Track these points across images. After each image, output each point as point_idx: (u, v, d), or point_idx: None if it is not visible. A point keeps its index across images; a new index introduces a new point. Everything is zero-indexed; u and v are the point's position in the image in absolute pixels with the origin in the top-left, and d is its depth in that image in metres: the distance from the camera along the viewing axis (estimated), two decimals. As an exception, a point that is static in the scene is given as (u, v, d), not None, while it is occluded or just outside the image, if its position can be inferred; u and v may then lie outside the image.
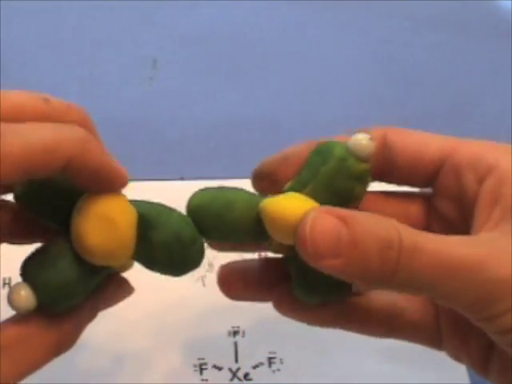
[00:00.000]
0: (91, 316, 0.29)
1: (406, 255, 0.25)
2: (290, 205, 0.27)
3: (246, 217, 0.28)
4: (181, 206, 0.29)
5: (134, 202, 0.28)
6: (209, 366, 0.41)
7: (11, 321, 0.27)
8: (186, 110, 0.56)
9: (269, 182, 0.29)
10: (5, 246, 0.34)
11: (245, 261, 0.32)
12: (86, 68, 0.58)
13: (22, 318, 0.26)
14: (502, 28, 0.65)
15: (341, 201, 0.28)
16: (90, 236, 0.26)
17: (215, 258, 0.36)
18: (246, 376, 0.41)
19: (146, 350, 0.42)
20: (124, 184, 0.27)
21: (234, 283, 0.31)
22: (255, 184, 0.31)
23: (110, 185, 0.27)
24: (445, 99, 0.59)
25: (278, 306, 0.31)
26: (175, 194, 0.49)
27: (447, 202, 0.30)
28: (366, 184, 0.29)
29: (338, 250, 0.24)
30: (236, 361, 0.42)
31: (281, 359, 0.42)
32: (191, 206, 0.30)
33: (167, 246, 0.28)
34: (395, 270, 0.25)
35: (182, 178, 0.51)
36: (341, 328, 0.31)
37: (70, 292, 0.27)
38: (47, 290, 0.26)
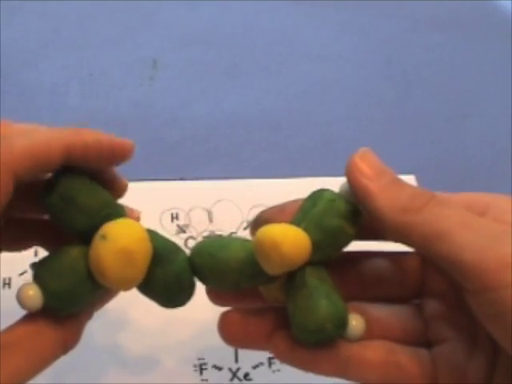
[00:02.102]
0: (89, 315, 0.31)
1: (436, 201, 0.27)
2: (278, 226, 0.29)
3: (239, 256, 0.30)
4: (181, 206, 0.30)
5: (150, 234, 0.30)
6: (209, 366, 0.41)
7: (21, 321, 0.29)
8: (186, 110, 0.56)
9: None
10: (5, 246, 0.34)
11: (245, 309, 0.33)
12: (86, 68, 0.58)
13: (30, 317, 0.29)
14: (502, 28, 0.65)
15: (331, 239, 0.30)
16: (109, 265, 0.28)
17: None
18: (245, 376, 0.41)
19: (147, 350, 0.42)
20: (129, 153, 0.30)
21: (234, 329, 0.32)
22: (253, 229, 0.32)
23: (117, 157, 0.29)
24: (445, 99, 0.59)
25: (277, 352, 0.31)
26: (175, 194, 0.50)
27: None
28: (355, 225, 0.30)
29: (380, 175, 0.28)
30: (236, 361, 0.42)
31: (281, 359, 0.42)
32: (192, 251, 0.31)
33: (167, 284, 0.30)
34: (421, 208, 0.27)
35: (182, 178, 0.51)
36: (337, 376, 0.31)
37: (76, 303, 0.29)
38: (56, 297, 0.28)
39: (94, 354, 0.41)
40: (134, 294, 0.31)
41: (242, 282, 0.30)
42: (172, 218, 0.48)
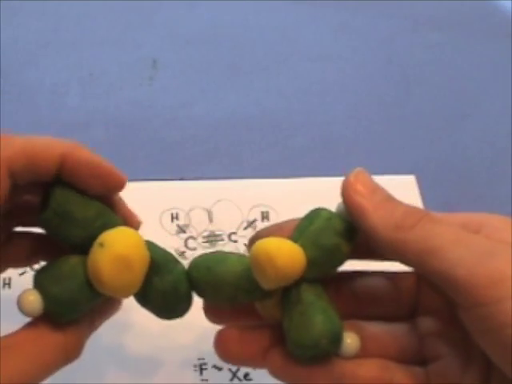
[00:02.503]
0: (90, 330, 0.31)
1: (429, 218, 0.27)
2: (273, 240, 0.29)
3: (235, 270, 0.30)
4: (181, 206, 0.30)
5: (148, 244, 0.30)
6: (209, 366, 0.41)
7: (23, 327, 0.29)
8: (186, 110, 0.56)
9: None
10: (5, 246, 0.34)
11: (241, 325, 0.33)
12: (86, 68, 0.58)
13: (32, 323, 0.29)
14: (502, 28, 0.65)
15: (327, 257, 0.30)
16: (107, 272, 0.28)
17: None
18: (245, 376, 0.41)
19: (147, 350, 0.42)
20: (122, 183, 0.30)
21: (230, 347, 0.32)
22: (250, 246, 0.32)
23: (109, 184, 0.30)
24: (445, 99, 0.59)
25: (273, 368, 0.31)
26: (175, 194, 0.50)
27: None
28: (351, 243, 0.30)
29: (374, 193, 0.28)
30: (236, 361, 0.42)
31: (281, 359, 0.42)
32: (189, 265, 0.32)
33: (164, 294, 0.31)
34: (414, 225, 0.27)
35: (182, 178, 0.51)
36: None
37: (75, 308, 0.29)
38: (56, 302, 0.29)
39: (96, 354, 0.41)
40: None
41: (239, 297, 0.31)
42: (172, 218, 0.48)
